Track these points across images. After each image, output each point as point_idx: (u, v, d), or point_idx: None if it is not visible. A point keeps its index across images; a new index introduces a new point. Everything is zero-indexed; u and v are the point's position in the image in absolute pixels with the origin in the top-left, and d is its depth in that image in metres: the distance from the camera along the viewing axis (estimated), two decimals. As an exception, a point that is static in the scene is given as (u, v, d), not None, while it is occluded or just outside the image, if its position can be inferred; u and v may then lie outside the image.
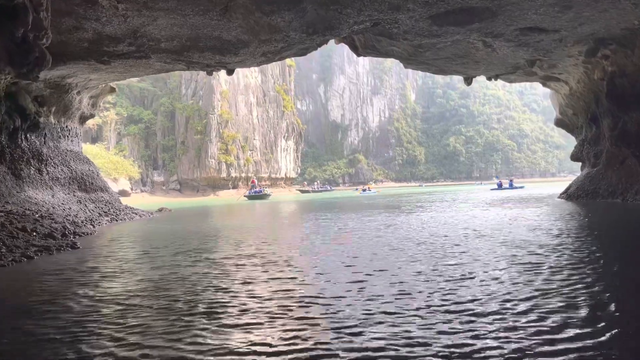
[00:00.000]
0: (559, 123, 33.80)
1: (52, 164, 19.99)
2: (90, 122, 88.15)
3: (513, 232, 11.96)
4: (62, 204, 18.47)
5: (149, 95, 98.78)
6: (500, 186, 59.44)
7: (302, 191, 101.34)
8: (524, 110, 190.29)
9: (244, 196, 69.52)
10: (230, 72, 20.92)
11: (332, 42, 21.32)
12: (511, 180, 66.83)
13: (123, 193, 79.78)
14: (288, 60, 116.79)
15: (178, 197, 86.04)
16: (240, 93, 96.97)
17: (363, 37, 20.47)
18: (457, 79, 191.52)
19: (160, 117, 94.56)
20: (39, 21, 13.53)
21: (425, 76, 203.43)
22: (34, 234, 11.79)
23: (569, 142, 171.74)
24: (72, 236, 13.44)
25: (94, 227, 17.80)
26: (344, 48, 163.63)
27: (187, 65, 19.00)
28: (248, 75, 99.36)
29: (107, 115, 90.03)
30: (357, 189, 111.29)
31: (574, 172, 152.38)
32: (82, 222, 17.35)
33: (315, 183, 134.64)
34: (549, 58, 21.18)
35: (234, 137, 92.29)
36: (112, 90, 25.48)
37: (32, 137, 18.54)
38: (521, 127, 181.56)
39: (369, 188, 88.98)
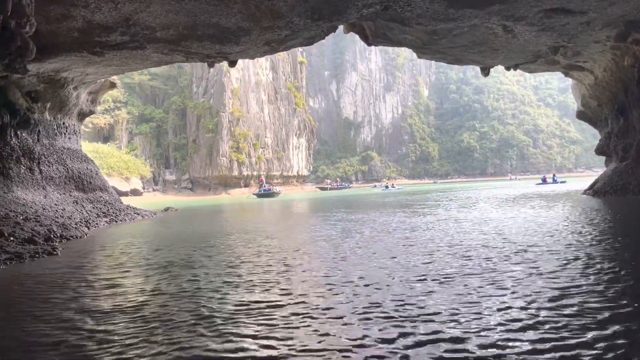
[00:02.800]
0: (581, 116, 32.23)
1: (46, 162, 18.98)
2: (101, 121, 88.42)
3: (575, 245, 9.32)
4: (55, 204, 17.44)
5: (160, 94, 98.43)
6: (544, 181, 61.05)
7: (322, 188, 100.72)
8: (539, 105, 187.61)
9: (253, 194, 69.53)
10: (232, 63, 19.73)
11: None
12: (554, 175, 69.64)
13: (135, 192, 79.48)
14: (299, 57, 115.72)
15: (190, 195, 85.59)
16: (252, 90, 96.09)
17: (373, 24, 19.19)
18: (471, 74, 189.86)
19: (172, 115, 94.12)
20: (20, 7, 12.43)
21: (439, 72, 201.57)
22: (12, 238, 10.72)
23: (586, 137, 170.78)
24: (57, 240, 12.38)
25: (88, 229, 16.75)
26: (356, 45, 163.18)
27: (186, 56, 17.84)
28: (259, 73, 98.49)
29: (118, 114, 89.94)
30: (375, 186, 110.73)
31: (590, 168, 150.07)
32: (76, 224, 16.31)
33: (329, 181, 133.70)
34: (574, 44, 19.70)
35: (246, 135, 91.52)
36: (112, 85, 24.46)
37: (24, 134, 17.50)
38: (536, 122, 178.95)
39: (392, 185, 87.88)
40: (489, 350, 3.97)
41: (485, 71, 25.09)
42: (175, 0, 13.88)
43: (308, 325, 4.86)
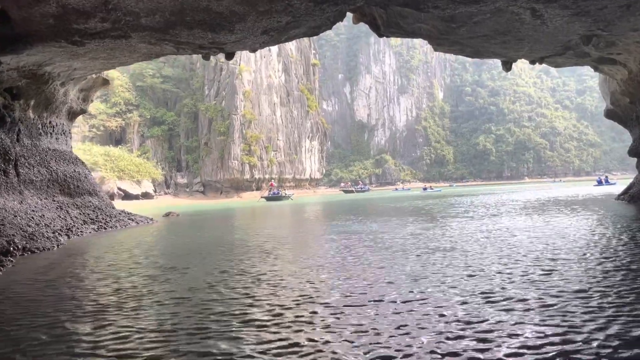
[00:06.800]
0: (610, 114, 30.06)
1: (26, 164, 17.38)
2: (113, 124, 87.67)
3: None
4: (33, 211, 15.84)
5: (172, 97, 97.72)
6: (600, 182, 61.78)
7: (346, 191, 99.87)
8: (556, 107, 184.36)
9: (262, 197, 69.35)
10: (229, 55, 17.99)
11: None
12: (607, 177, 69.66)
13: (146, 195, 78.59)
14: (312, 59, 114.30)
15: (201, 199, 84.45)
16: (264, 93, 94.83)
17: (385, 12, 17.36)
18: (487, 76, 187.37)
19: (184, 118, 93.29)
20: (-23, -14, 10.89)
21: (454, 74, 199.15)
22: (-47, 253, 9.11)
23: (604, 139, 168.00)
24: (18, 253, 10.75)
25: (69, 237, 15.15)
26: (370, 47, 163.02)
27: (176, 46, 16.15)
28: (271, 75, 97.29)
29: (130, 117, 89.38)
30: (396, 189, 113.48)
31: (610, 171, 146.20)
32: (54, 232, 14.70)
33: (343, 183, 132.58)
34: (609, 33, 17.67)
35: (257, 138, 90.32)
36: (105, 82, 22.84)
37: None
38: (553, 124, 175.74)
39: (430, 187, 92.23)
40: None
41: (507, 65, 23.08)
42: (159, -19, 12.24)
43: None
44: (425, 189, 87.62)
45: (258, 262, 9.93)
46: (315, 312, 5.62)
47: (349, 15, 19.52)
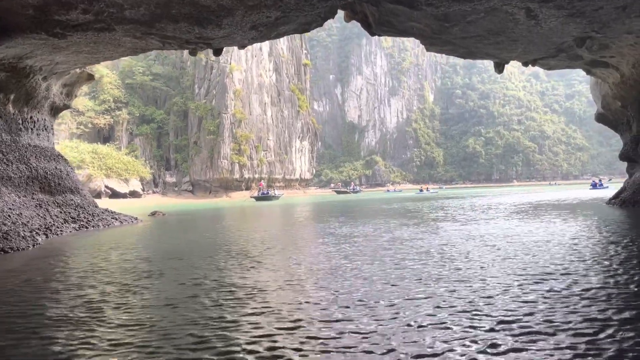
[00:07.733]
0: (601, 118, 29.95)
1: (4, 160, 16.76)
2: (101, 121, 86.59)
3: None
4: (10, 209, 15.25)
5: (161, 95, 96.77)
6: (595, 185, 62.36)
7: (338, 192, 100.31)
8: (545, 111, 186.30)
9: (251, 197, 69.26)
10: (217, 51, 17.52)
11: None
12: (601, 180, 70.51)
13: (134, 194, 77.69)
14: (304, 59, 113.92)
15: (190, 198, 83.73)
16: (254, 92, 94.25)
17: (377, 10, 16.98)
18: (477, 79, 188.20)
19: (173, 116, 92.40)
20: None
21: (444, 77, 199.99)
22: None
23: (592, 144, 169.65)
24: (-10, 253, 10.24)
25: (47, 237, 14.60)
26: (362, 49, 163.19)
27: (162, 41, 15.65)
28: (262, 74, 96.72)
29: (119, 115, 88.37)
30: (388, 190, 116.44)
31: (597, 175, 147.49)
32: (31, 231, 14.15)
33: (333, 184, 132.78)
34: (603, 35, 17.44)
35: (248, 137, 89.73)
36: (90, 77, 22.19)
37: (-25, 129, 15.31)
38: (542, 128, 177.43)
39: (426, 188, 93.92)
40: None
41: (500, 67, 22.79)
42: (143, -29, 11.76)
43: None
44: (421, 190, 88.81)
45: (240, 271, 9.05)
46: (300, 347, 4.74)
47: (341, 15, 19.17)
